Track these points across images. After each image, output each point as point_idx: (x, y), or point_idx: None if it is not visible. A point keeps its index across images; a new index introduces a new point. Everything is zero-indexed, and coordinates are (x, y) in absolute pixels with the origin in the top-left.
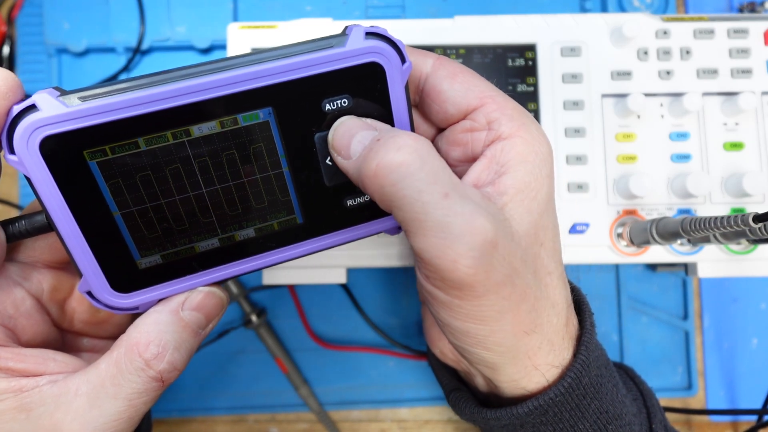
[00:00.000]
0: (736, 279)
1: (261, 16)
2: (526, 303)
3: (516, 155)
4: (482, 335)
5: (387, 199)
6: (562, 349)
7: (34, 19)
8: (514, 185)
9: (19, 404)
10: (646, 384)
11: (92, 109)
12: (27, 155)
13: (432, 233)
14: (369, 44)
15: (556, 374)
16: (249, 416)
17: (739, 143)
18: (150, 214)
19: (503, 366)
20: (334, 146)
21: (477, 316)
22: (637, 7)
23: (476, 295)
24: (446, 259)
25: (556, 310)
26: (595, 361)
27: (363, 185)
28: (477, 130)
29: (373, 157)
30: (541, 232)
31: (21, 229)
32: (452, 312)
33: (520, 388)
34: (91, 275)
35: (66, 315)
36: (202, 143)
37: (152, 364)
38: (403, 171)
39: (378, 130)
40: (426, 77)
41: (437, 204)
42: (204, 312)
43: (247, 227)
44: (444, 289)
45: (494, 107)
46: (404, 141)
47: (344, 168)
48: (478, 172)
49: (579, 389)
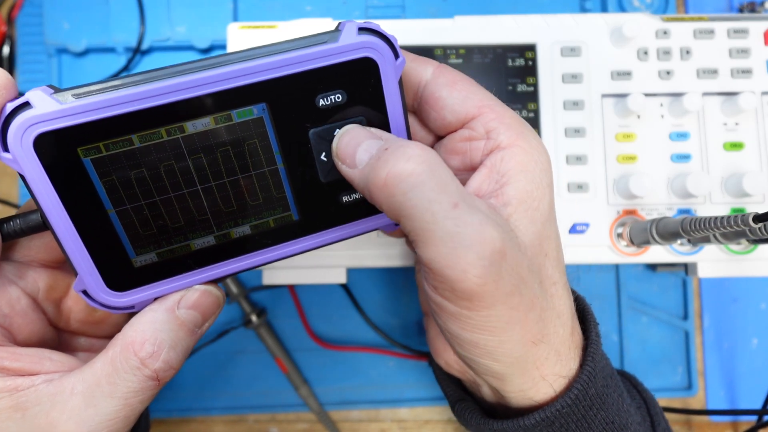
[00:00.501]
0: (736, 279)
1: (261, 16)
2: (533, 313)
3: (516, 165)
4: (491, 346)
5: (396, 208)
6: (569, 359)
7: (34, 19)
8: (517, 195)
9: (15, 403)
10: (648, 391)
11: (86, 106)
12: (21, 153)
13: (442, 243)
14: (362, 39)
15: (563, 384)
16: (249, 416)
17: (739, 143)
18: (145, 212)
19: (511, 377)
20: (338, 155)
21: (486, 327)
22: (637, 7)
23: (485, 306)
24: (456, 269)
25: (561, 320)
26: (601, 371)
27: (370, 194)
28: (475, 139)
29: (382, 166)
30: (545, 242)
31: (16, 227)
32: (461, 323)
33: (527, 398)
34: (86, 274)
35: (62, 314)
36: (197, 140)
37: (148, 362)
38: (413, 181)
39: (384, 139)
40: (425, 84)
41: (447, 214)
42: (200, 310)
43: (243, 224)
44: (453, 300)
45: (492, 116)
46: (413, 151)
47: (350, 177)
48: (479, 182)
49: (586, 400)
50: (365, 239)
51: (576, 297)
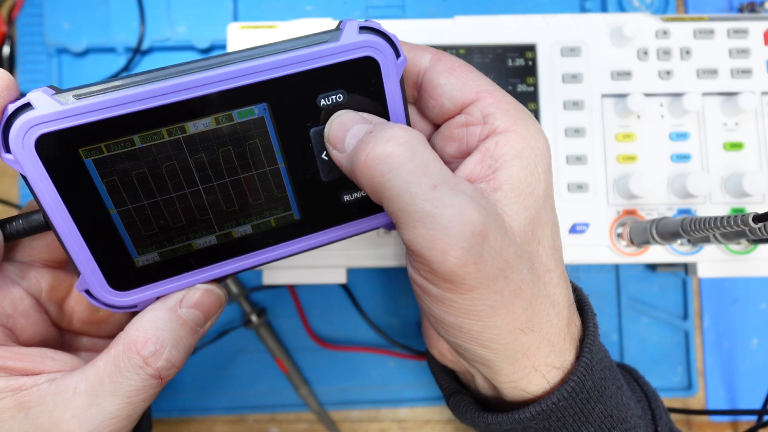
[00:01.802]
0: (736, 279)
1: (261, 16)
2: (521, 299)
3: (511, 150)
4: (476, 330)
5: (377, 190)
6: (564, 350)
7: (35, 20)
8: (509, 181)
9: (18, 403)
10: (650, 385)
11: (87, 107)
12: (23, 154)
13: (421, 224)
14: (363, 38)
15: (557, 376)
16: (249, 416)
17: (739, 143)
18: (146, 212)
19: (500, 364)
20: (329, 139)
21: (469, 311)
22: (637, 7)
23: (468, 288)
24: (435, 249)
25: (556, 309)
26: (599, 363)
27: (354, 177)
28: (472, 124)
29: (363, 148)
30: (539, 228)
31: (18, 228)
32: (444, 306)
33: (520, 389)
34: (88, 274)
35: (65, 314)
36: (198, 140)
37: (150, 361)
38: (392, 162)
39: (372, 123)
40: (424, 72)
41: (425, 195)
42: (202, 309)
43: (244, 224)
44: (435, 282)
45: (490, 101)
46: (394, 132)
47: (338, 161)
48: (471, 166)
49: (582, 393)
50: (365, 239)
51: (574, 288)
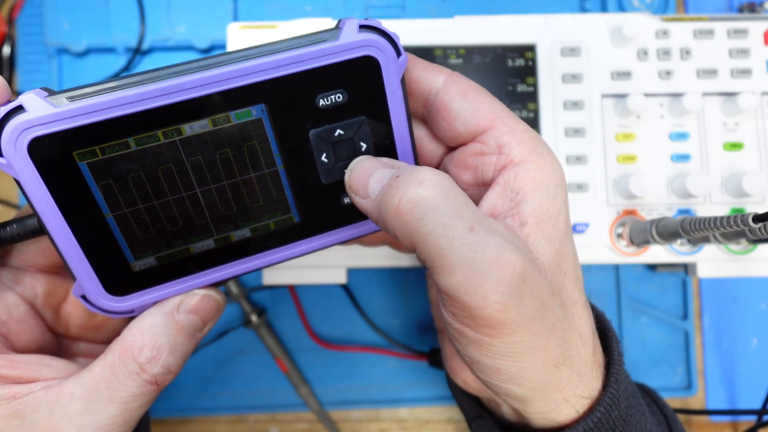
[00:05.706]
0: (736, 279)
1: (261, 16)
2: (555, 336)
3: (530, 181)
4: (513, 372)
5: (410, 235)
6: (591, 379)
7: (35, 20)
8: (533, 214)
9: (13, 411)
10: (668, 406)
11: (81, 109)
12: (15, 157)
13: (459, 269)
14: (363, 37)
15: (585, 405)
16: (249, 416)
17: (739, 143)
18: (143, 216)
19: (534, 401)
20: (351, 186)
21: (508, 354)
22: (637, 7)
23: (508, 333)
24: (475, 296)
25: (583, 340)
26: (624, 392)
27: (384, 223)
28: (487, 153)
29: (393, 193)
30: (563, 260)
31: (12, 233)
32: (482, 349)
33: (549, 420)
34: (84, 279)
35: (61, 320)
36: (194, 142)
37: (146, 367)
38: (426, 205)
39: (395, 167)
40: (436, 92)
41: (463, 239)
42: (200, 314)
43: (243, 227)
44: (473, 327)
45: (505, 130)
46: (424, 175)
47: (363, 208)
48: (493, 201)
49: (609, 423)
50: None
51: (597, 314)
